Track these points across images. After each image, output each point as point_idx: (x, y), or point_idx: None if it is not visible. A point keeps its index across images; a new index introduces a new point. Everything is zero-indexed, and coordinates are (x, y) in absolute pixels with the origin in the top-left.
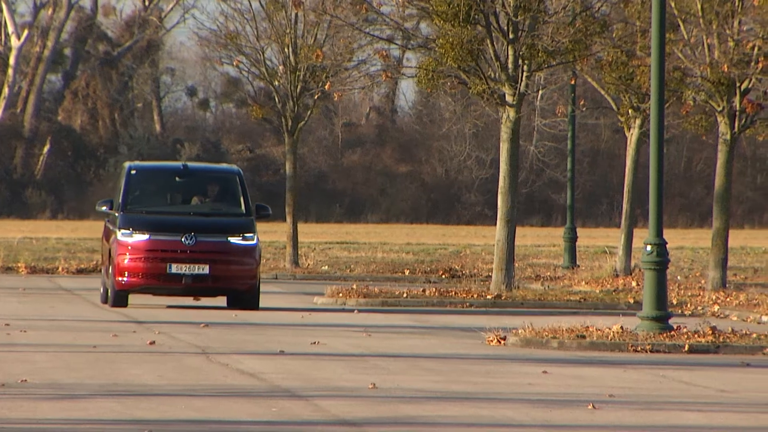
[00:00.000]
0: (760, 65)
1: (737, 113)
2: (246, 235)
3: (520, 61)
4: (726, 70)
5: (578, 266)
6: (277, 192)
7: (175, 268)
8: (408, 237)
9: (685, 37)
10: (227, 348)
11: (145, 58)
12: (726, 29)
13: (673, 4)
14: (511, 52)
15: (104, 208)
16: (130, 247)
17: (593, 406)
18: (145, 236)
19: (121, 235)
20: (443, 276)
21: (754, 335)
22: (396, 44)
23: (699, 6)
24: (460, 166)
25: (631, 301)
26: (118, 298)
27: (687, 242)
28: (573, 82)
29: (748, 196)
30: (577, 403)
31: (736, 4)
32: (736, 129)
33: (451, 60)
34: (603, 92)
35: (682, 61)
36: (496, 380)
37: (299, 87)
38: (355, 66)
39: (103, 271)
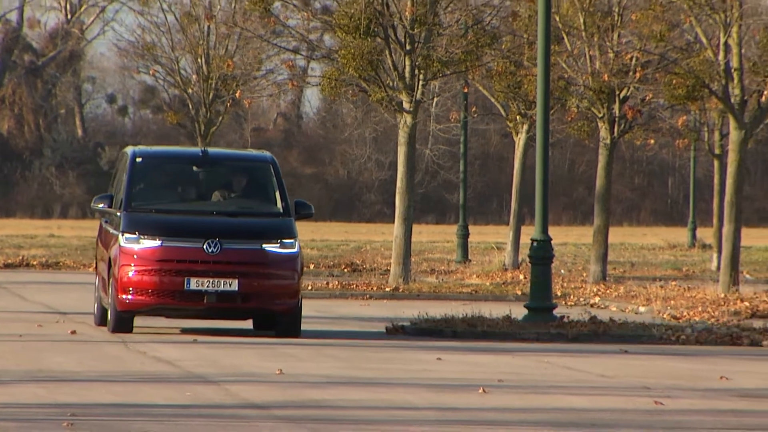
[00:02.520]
0: (638, 75)
1: (617, 119)
2: (285, 240)
3: (416, 71)
4: (606, 79)
5: (470, 261)
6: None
7: (194, 284)
8: (312, 234)
9: (569, 48)
10: (145, 337)
11: (67, 68)
12: (606, 41)
13: (557, 18)
14: (408, 63)
15: (102, 205)
16: (136, 256)
17: (483, 390)
18: (156, 242)
19: (125, 241)
20: (345, 270)
21: (632, 324)
22: (301, 55)
23: (582, 20)
24: (361, 168)
25: (519, 292)
26: (121, 321)
27: (570, 238)
28: (465, 91)
29: (626, 195)
30: (468, 387)
31: (616, 18)
32: (615, 134)
33: (352, 69)
34: (493, 100)
35: (566, 71)
36: (394, 366)
37: (211, 94)
38: (263, 75)
39: (97, 284)
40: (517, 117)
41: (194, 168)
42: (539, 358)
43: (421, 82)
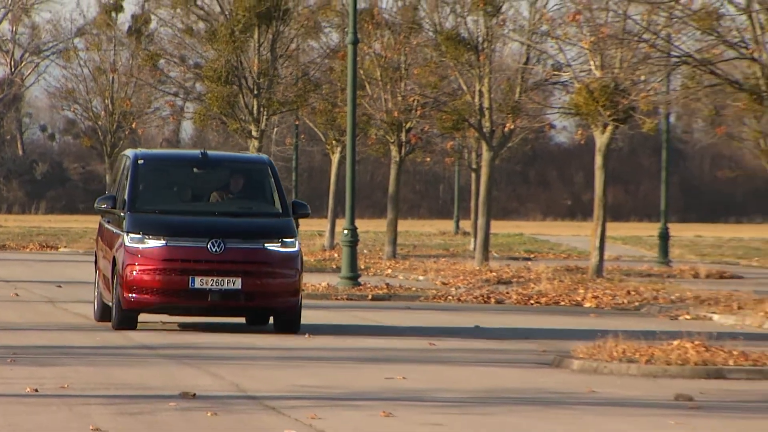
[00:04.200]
0: (419, 112)
1: (403, 143)
2: (285, 239)
3: (261, 109)
4: (396, 115)
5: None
6: (100, 195)
7: (199, 283)
8: None
9: (370, 93)
10: (68, 299)
11: (11, 106)
12: (396, 88)
13: (362, 72)
14: (255, 103)
15: (105, 206)
16: (140, 256)
17: (309, 335)
18: (161, 242)
19: (130, 241)
20: None
21: (414, 289)
22: (180, 97)
23: (378, 73)
24: None
25: (334, 266)
26: (126, 319)
27: (370, 228)
28: (296, 123)
29: (410, 197)
30: (298, 333)
31: (403, 71)
32: (402, 154)
33: (216, 108)
34: (316, 129)
35: (367, 109)
36: (244, 321)
37: (115, 125)
38: (152, 111)
39: (97, 281)
40: (333, 141)
41: (194, 170)
42: (349, 312)
43: (264, 117)
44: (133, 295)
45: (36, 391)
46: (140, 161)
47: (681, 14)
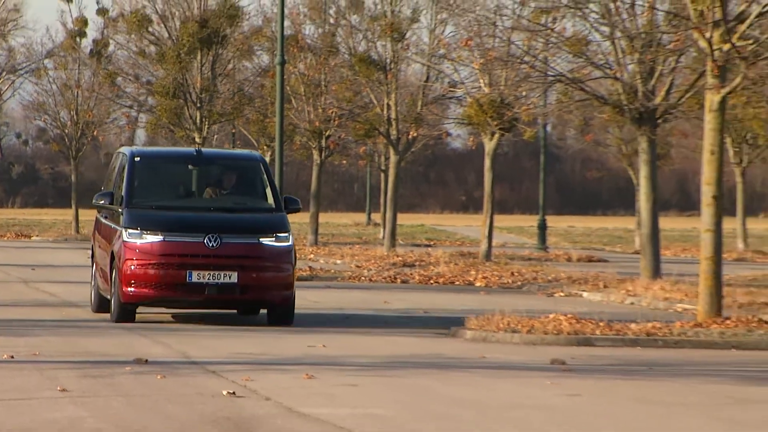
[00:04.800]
0: (336, 122)
1: (324, 149)
2: (279, 234)
3: (203, 119)
4: (317, 125)
5: None
6: (67, 191)
7: (196, 277)
8: None
9: (295, 106)
10: (40, 279)
11: None
12: (317, 102)
13: (288, 88)
14: (198, 114)
15: (102, 202)
16: (138, 251)
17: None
18: (159, 237)
19: (128, 236)
20: None
21: (332, 271)
22: (134, 109)
23: (302, 89)
24: None
25: None
26: (125, 312)
27: (296, 220)
28: (233, 131)
29: (329, 194)
30: (247, 314)
31: (323, 87)
32: (323, 157)
33: (165, 118)
34: (250, 137)
35: (293, 120)
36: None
37: (79, 132)
38: (111, 121)
39: (95, 274)
40: (264, 147)
41: (189, 166)
42: None
43: (206, 126)
44: (132, 288)
45: (12, 357)
46: (137, 158)
47: (556, 40)
